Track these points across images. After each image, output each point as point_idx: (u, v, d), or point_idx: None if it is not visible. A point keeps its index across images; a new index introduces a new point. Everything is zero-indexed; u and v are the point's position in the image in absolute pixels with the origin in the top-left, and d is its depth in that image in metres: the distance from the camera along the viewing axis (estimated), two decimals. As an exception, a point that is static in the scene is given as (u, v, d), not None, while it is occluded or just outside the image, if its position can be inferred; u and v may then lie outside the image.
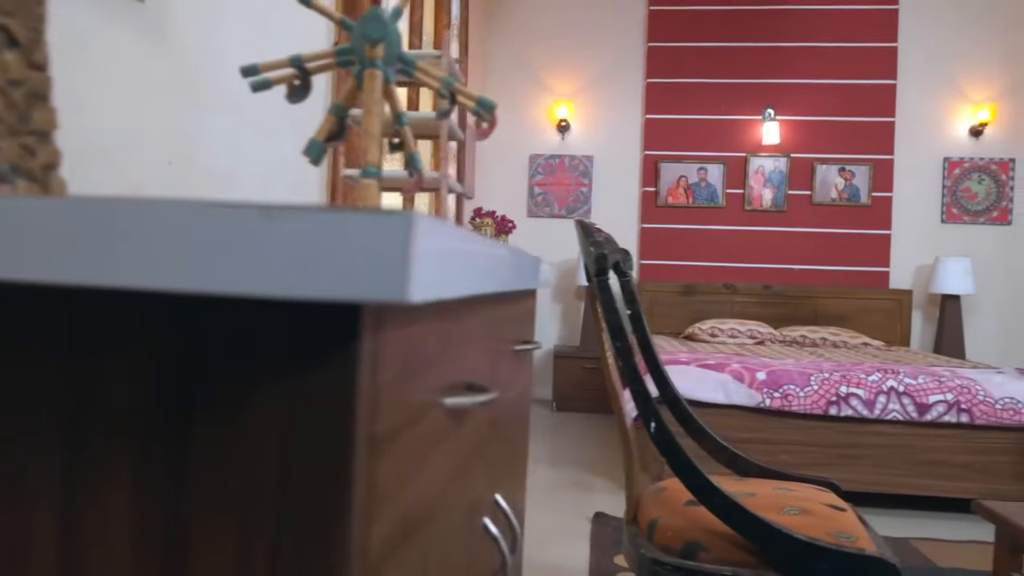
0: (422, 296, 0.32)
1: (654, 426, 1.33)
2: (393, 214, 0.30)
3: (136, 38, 1.35)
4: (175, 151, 1.49)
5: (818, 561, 1.23)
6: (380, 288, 0.30)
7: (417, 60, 0.71)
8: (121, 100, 1.32)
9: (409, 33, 2.78)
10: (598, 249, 1.33)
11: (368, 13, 0.65)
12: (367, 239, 0.30)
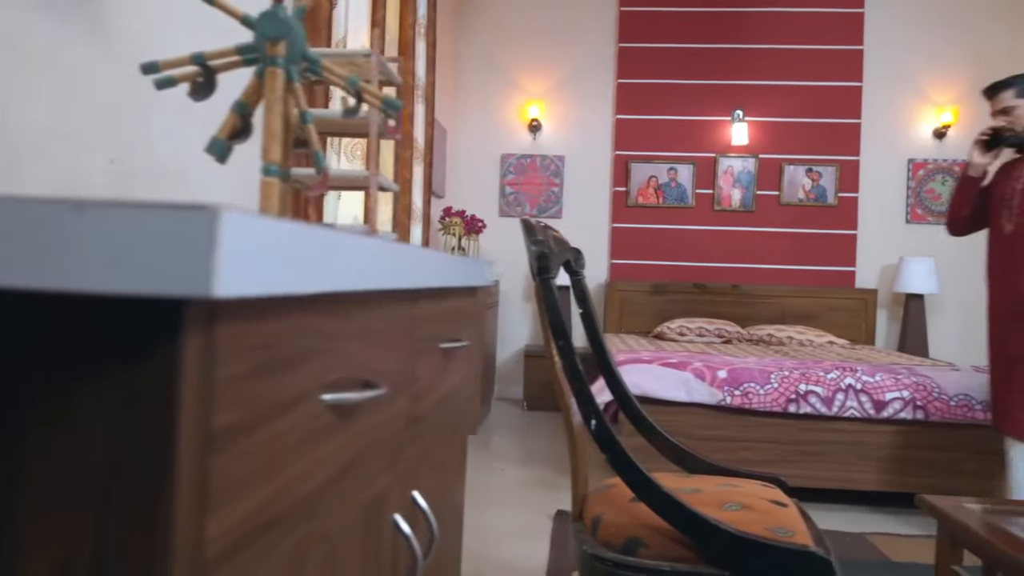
0: (236, 291, 0.32)
1: (594, 423, 1.34)
2: (199, 209, 0.31)
3: (77, 34, 1.34)
4: (118, 150, 1.47)
5: (753, 556, 1.25)
6: (186, 283, 0.30)
7: (322, 58, 0.72)
8: (59, 97, 1.30)
9: (371, 31, 2.77)
10: (539, 248, 1.34)
11: (266, 11, 0.65)
12: (174, 234, 0.30)
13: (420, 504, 0.84)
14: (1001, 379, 2.49)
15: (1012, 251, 2.46)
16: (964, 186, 2.65)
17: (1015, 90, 2.47)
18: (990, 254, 2.58)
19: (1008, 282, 2.47)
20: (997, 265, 2.54)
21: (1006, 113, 2.47)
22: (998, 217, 2.52)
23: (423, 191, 3.79)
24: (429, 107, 3.83)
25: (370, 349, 0.64)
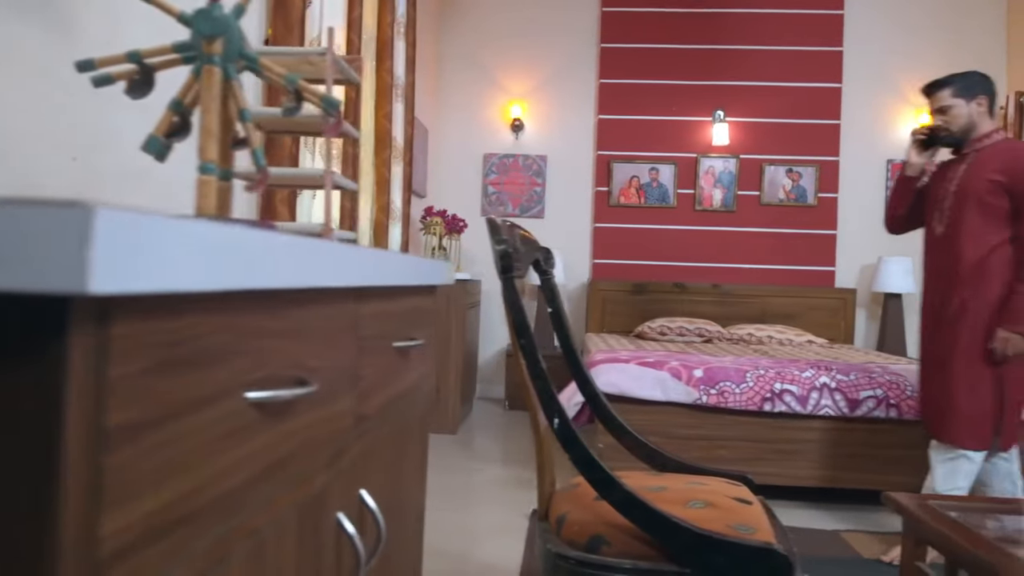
0: (117, 287, 0.32)
1: (557, 422, 1.35)
2: (74, 206, 0.31)
3: (41, 31, 1.33)
4: (80, 148, 1.46)
5: (713, 553, 1.26)
6: (61, 279, 0.30)
7: (260, 56, 0.71)
8: (21, 95, 1.29)
9: (347, 30, 2.77)
10: (503, 247, 1.34)
11: (202, 9, 0.65)
12: (49, 231, 0.30)
13: (368, 503, 0.84)
14: (926, 377, 2.52)
15: (942, 253, 2.45)
16: (901, 186, 2.63)
17: (952, 89, 2.45)
18: (924, 254, 2.59)
19: (937, 283, 2.47)
20: (929, 266, 2.55)
21: (943, 112, 2.46)
22: (930, 218, 2.52)
23: (403, 190, 3.78)
24: (409, 106, 3.82)
25: (304, 347, 0.64)
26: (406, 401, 1.06)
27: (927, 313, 2.53)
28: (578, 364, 1.80)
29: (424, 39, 4.96)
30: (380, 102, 3.33)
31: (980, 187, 2.35)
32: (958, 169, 2.45)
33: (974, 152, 2.43)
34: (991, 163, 2.37)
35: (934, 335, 2.48)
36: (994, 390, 2.35)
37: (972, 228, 2.36)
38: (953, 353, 2.39)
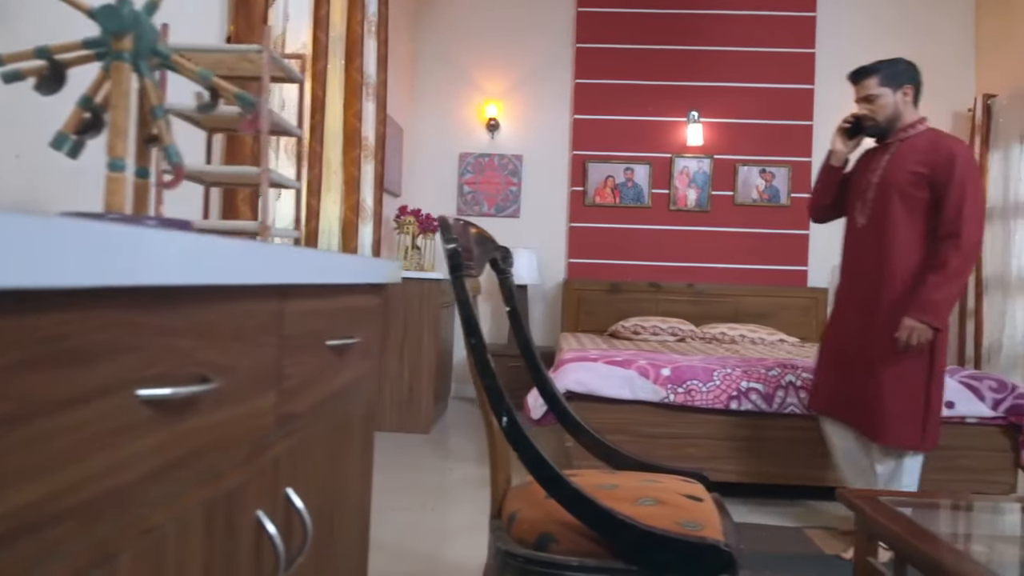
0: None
1: (505, 420, 1.35)
2: None
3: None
4: (25, 145, 1.44)
5: (658, 549, 1.27)
6: None
7: (169, 54, 0.71)
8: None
9: (314, 28, 2.75)
10: (452, 246, 1.34)
11: (108, 5, 0.65)
12: None
13: (295, 502, 0.83)
14: (846, 374, 2.49)
15: (864, 245, 2.44)
16: (826, 175, 2.61)
17: (879, 77, 2.40)
18: (844, 245, 2.58)
19: (860, 276, 2.46)
20: (849, 257, 2.54)
21: (869, 101, 2.42)
22: (852, 209, 2.51)
23: (374, 189, 3.77)
24: (381, 105, 3.81)
25: (209, 344, 0.64)
26: (343, 400, 1.05)
27: (847, 305, 2.51)
28: (537, 364, 1.80)
29: (399, 38, 4.94)
30: (350, 100, 3.31)
31: (903, 179, 2.33)
32: (881, 159, 2.44)
33: (898, 142, 2.42)
34: (914, 154, 2.36)
35: (857, 330, 2.44)
36: (924, 388, 2.36)
37: (895, 220, 2.34)
38: (884, 351, 2.35)
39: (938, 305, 2.27)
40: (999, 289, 4.72)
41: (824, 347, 2.64)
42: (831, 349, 2.59)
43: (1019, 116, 4.59)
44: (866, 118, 2.44)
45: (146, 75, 0.67)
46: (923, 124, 2.45)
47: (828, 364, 2.59)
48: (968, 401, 2.94)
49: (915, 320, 2.28)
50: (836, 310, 2.61)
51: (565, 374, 3.01)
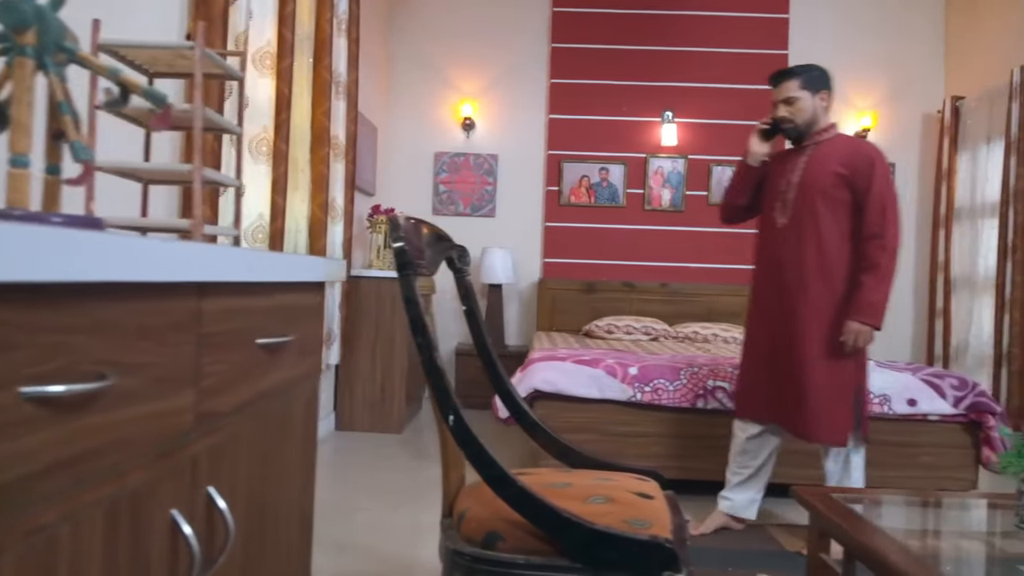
0: None
1: (452, 418, 1.35)
2: None
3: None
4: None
5: (602, 547, 1.28)
6: None
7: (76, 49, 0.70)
8: None
9: (279, 25, 2.73)
10: (399, 245, 1.34)
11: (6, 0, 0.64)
12: None
13: (217, 502, 0.83)
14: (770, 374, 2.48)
15: (785, 244, 2.44)
16: (743, 176, 2.59)
17: (800, 81, 2.44)
18: (761, 245, 2.57)
19: (781, 275, 2.44)
20: (769, 257, 2.52)
21: (789, 103, 2.45)
22: (771, 209, 2.51)
23: (345, 188, 3.75)
24: (352, 104, 3.79)
25: (113, 342, 0.63)
26: (278, 398, 1.05)
27: (769, 306, 2.49)
28: (493, 363, 1.80)
29: (373, 38, 4.93)
30: (318, 99, 3.30)
31: (825, 180, 2.37)
32: (797, 161, 2.46)
33: (814, 145, 2.47)
34: (834, 156, 2.41)
35: (783, 329, 2.43)
36: (855, 384, 2.42)
37: (818, 220, 2.38)
38: (814, 349, 2.37)
39: (877, 306, 2.34)
40: (967, 289, 4.79)
41: (749, 351, 2.60)
42: (756, 352, 2.56)
43: (986, 118, 4.66)
44: (785, 120, 2.46)
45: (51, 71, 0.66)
46: (835, 129, 2.53)
47: (754, 367, 2.56)
48: (930, 399, 2.98)
49: (859, 323, 2.32)
50: (756, 312, 2.58)
51: (533, 373, 3.01)
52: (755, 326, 2.58)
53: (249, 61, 2.60)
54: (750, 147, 2.55)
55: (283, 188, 2.80)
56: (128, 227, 1.05)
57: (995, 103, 4.55)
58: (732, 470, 2.66)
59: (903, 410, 2.97)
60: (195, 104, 0.94)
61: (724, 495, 2.66)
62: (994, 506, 1.77)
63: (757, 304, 2.59)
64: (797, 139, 2.50)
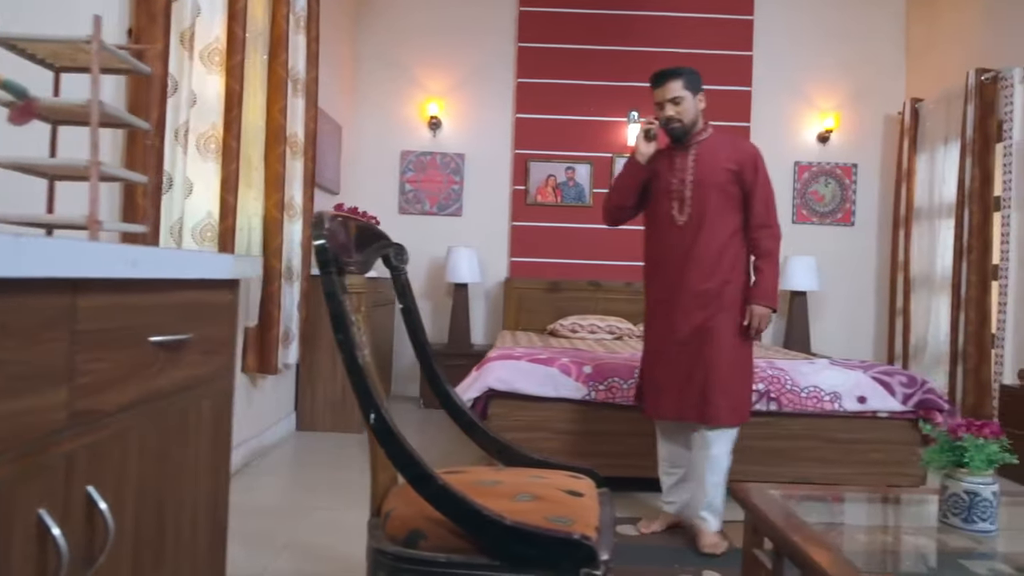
0: None
1: (373, 417, 1.34)
2: None
3: None
4: None
5: (520, 544, 1.28)
6: None
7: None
8: None
9: (229, 22, 2.70)
10: (319, 242, 1.33)
11: None
12: None
13: (97, 501, 0.82)
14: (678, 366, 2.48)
15: (686, 241, 2.47)
16: (633, 176, 2.59)
17: (683, 81, 2.50)
18: (655, 244, 2.57)
19: (684, 271, 2.47)
20: (668, 254, 2.51)
21: (675, 103, 2.48)
22: (667, 208, 2.52)
23: (304, 187, 3.72)
24: (311, 102, 3.76)
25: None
26: (179, 397, 1.04)
27: (671, 302, 2.50)
28: (429, 362, 1.80)
29: (338, 36, 4.90)
30: (274, 97, 3.27)
31: (718, 177, 2.46)
32: (685, 160, 2.51)
33: (696, 144, 2.53)
34: (721, 153, 2.50)
35: (688, 323, 2.46)
36: (749, 366, 2.57)
37: (717, 215, 2.47)
38: (719, 338, 2.44)
39: (774, 290, 2.50)
40: (925, 288, 4.87)
41: (651, 350, 2.59)
42: (660, 350, 2.55)
43: (943, 120, 4.73)
44: (673, 120, 2.49)
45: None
46: (710, 127, 2.60)
47: (660, 366, 2.54)
48: (880, 396, 3.02)
49: (763, 307, 2.47)
50: (657, 310, 2.57)
51: (488, 372, 3.01)
52: (658, 324, 2.56)
53: (197, 58, 2.57)
54: (639, 148, 2.54)
55: (234, 186, 2.77)
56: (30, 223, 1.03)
57: (952, 105, 4.62)
58: (664, 470, 2.66)
59: (853, 407, 3.01)
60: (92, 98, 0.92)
61: (666, 500, 2.66)
62: (924, 502, 1.80)
63: (656, 302, 2.57)
64: (679, 138, 2.53)
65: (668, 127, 2.51)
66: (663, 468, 2.67)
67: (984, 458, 1.51)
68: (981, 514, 1.51)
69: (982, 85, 4.30)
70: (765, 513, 1.64)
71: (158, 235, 2.23)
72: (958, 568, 1.43)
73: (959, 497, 1.53)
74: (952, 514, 1.54)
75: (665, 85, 2.50)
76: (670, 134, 2.53)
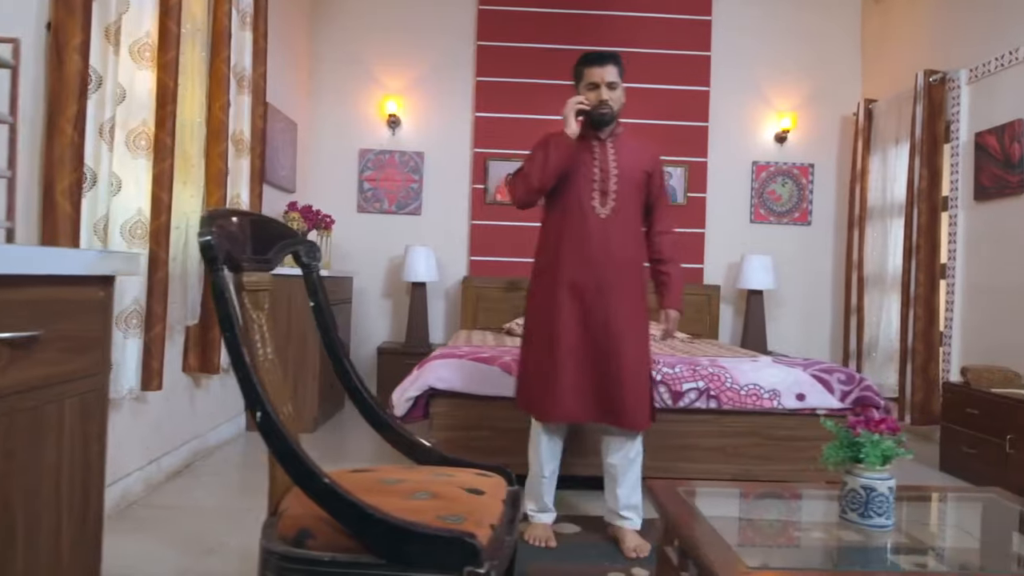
0: None
1: (260, 415, 1.33)
2: None
3: None
4: None
5: (404, 542, 1.27)
6: None
7: None
8: None
9: (162, 17, 2.66)
10: (204, 239, 1.32)
11: None
12: None
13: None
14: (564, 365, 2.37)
15: (606, 235, 2.38)
16: (565, 156, 2.39)
17: (618, 68, 2.44)
18: (567, 236, 2.41)
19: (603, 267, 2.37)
20: (586, 249, 2.38)
21: (611, 88, 2.41)
22: (588, 199, 2.39)
23: (252, 184, 3.69)
24: (259, 99, 3.73)
25: None
26: (32, 395, 1.02)
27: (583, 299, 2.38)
28: (340, 361, 1.79)
29: (294, 33, 4.86)
30: (216, 93, 3.23)
31: (637, 175, 2.45)
32: (606, 151, 2.44)
33: (613, 137, 2.49)
34: (636, 152, 2.49)
35: (603, 323, 2.37)
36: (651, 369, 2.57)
37: (634, 212, 2.46)
38: (638, 338, 2.42)
39: (682, 294, 2.59)
40: (877, 287, 4.92)
41: (561, 351, 2.38)
42: (571, 349, 2.38)
43: (895, 121, 4.79)
44: (605, 103, 2.40)
45: None
46: (621, 123, 2.55)
47: (569, 365, 2.38)
48: (818, 394, 3.05)
49: (677, 311, 2.54)
50: (564, 305, 2.39)
51: (429, 371, 3.01)
52: (568, 321, 2.38)
53: (126, 53, 2.54)
54: (569, 127, 2.35)
55: (168, 183, 2.74)
56: None
57: (903, 106, 4.68)
58: (547, 475, 2.54)
59: (792, 405, 3.04)
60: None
61: (550, 508, 2.57)
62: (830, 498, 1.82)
63: (570, 297, 2.39)
64: (601, 126, 2.44)
65: (599, 111, 2.41)
66: (546, 475, 2.53)
67: (879, 453, 1.53)
68: (877, 509, 1.53)
69: (930, 87, 4.36)
70: (668, 510, 1.65)
71: (78, 235, 2.20)
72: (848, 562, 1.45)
73: (856, 492, 1.55)
74: (850, 509, 1.56)
75: (606, 67, 2.41)
76: (597, 119, 2.42)
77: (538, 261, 2.54)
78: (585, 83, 2.46)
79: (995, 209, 3.98)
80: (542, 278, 2.50)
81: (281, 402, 1.60)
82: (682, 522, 1.55)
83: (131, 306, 2.54)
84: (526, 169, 2.45)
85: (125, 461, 2.74)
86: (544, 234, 2.55)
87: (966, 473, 3.53)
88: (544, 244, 2.53)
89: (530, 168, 2.43)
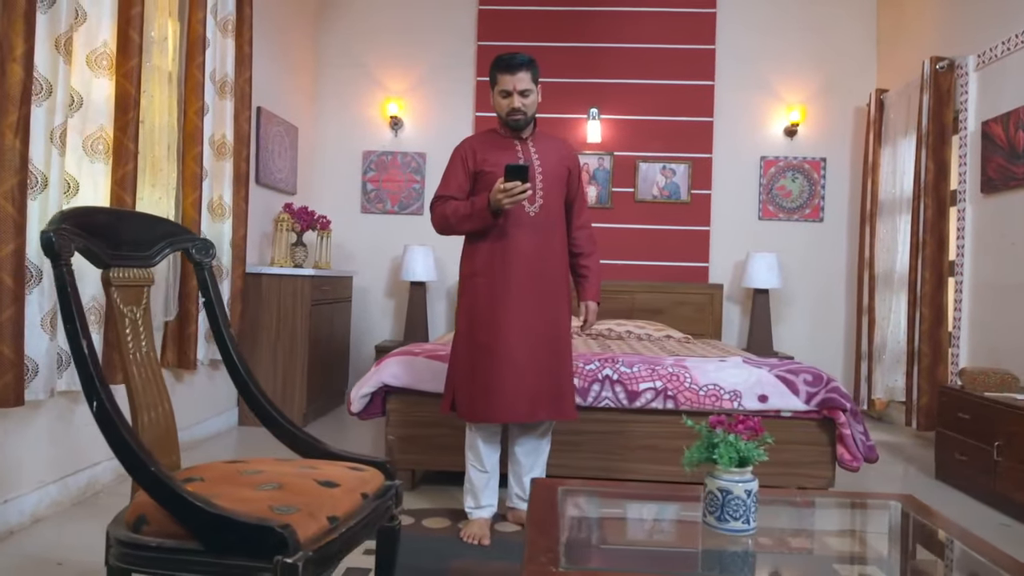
0: None
1: (96, 405, 1.38)
2: None
3: None
4: None
5: (223, 531, 1.31)
6: None
7: None
8: None
9: (123, 26, 2.78)
10: (44, 236, 1.38)
11: None
12: None
13: None
14: (530, 361, 2.38)
15: (537, 233, 2.41)
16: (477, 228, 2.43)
17: (533, 73, 2.43)
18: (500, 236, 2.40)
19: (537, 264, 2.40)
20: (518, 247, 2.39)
21: (523, 96, 2.41)
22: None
23: (236, 186, 3.81)
24: (244, 103, 3.85)
25: None
26: None
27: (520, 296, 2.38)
28: (232, 359, 1.84)
29: (300, 40, 4.99)
30: (191, 98, 3.36)
31: (560, 173, 2.51)
32: (528, 151, 2.50)
33: (532, 137, 2.55)
34: (556, 151, 2.54)
35: (540, 320, 2.41)
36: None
37: (559, 210, 2.52)
38: (566, 332, 2.53)
39: (599, 286, 2.67)
40: (887, 286, 4.71)
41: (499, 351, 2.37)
42: (508, 348, 2.37)
43: (905, 111, 4.57)
44: (518, 111, 2.43)
45: None
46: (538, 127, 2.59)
47: (506, 366, 2.36)
48: (781, 395, 2.95)
49: (596, 304, 2.62)
50: (507, 308, 2.39)
51: (383, 368, 3.04)
52: (507, 321, 2.37)
53: (83, 62, 2.67)
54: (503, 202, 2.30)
55: (131, 186, 2.85)
56: None
57: (912, 96, 4.46)
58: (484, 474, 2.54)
59: (754, 406, 2.94)
60: None
61: (487, 503, 2.56)
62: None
63: (501, 300, 2.38)
64: (517, 130, 2.50)
65: (511, 119, 2.47)
66: (487, 470, 2.54)
67: (734, 454, 1.48)
68: (733, 513, 1.48)
69: (937, 75, 4.15)
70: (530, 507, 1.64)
71: (24, 235, 2.32)
72: (676, 565, 1.40)
73: (714, 495, 1.50)
74: (708, 512, 1.51)
75: (517, 74, 2.42)
76: (512, 125, 2.49)
77: (469, 262, 2.53)
78: (498, 89, 2.49)
79: (1002, 202, 3.76)
80: (475, 279, 2.49)
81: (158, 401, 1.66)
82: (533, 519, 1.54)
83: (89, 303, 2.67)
84: (448, 215, 2.45)
85: (93, 451, 2.86)
86: (471, 237, 2.52)
87: (958, 481, 3.35)
88: (474, 246, 2.50)
89: (454, 218, 2.44)
